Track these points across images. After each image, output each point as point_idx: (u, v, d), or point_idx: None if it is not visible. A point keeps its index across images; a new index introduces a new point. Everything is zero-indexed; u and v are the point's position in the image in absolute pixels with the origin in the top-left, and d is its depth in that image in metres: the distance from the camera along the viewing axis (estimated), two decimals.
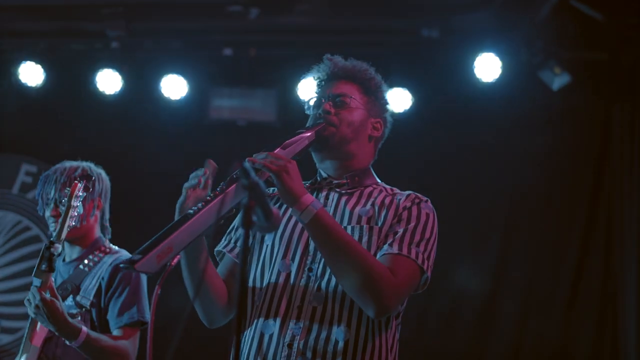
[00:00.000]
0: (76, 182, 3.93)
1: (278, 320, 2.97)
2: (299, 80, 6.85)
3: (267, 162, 2.84)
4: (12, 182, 7.88)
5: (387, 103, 3.36)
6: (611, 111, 7.01)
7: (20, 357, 3.94)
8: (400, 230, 3.01)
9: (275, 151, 2.95)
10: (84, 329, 3.83)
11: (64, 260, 4.21)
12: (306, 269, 3.02)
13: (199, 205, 2.79)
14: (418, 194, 3.16)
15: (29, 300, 3.78)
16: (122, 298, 4.00)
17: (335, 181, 3.21)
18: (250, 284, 3.11)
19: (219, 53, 7.14)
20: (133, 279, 4.03)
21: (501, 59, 6.68)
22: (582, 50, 6.90)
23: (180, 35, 7.22)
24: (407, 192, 3.17)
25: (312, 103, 3.30)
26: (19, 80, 7.28)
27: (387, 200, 3.12)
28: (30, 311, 3.79)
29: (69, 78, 7.39)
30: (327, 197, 3.18)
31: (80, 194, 3.92)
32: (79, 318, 3.99)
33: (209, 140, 7.33)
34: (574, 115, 7.08)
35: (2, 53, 7.35)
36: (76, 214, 3.90)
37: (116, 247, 4.25)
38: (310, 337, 2.93)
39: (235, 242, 3.23)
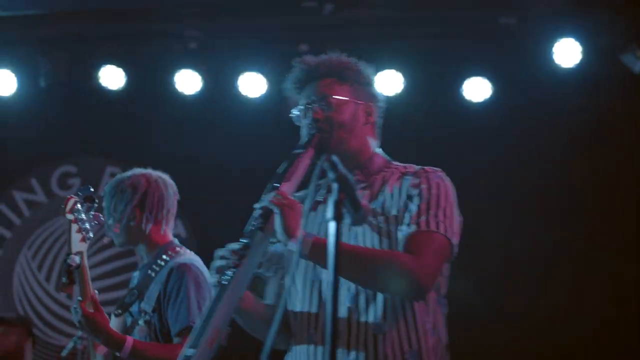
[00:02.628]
0: (70, 197, 3.92)
1: (319, 329, 2.97)
2: (375, 74, 6.84)
3: (273, 201, 2.86)
4: (97, 185, 8.03)
5: (371, 82, 3.25)
6: None
7: None
8: (415, 208, 2.94)
9: (281, 187, 2.94)
10: (130, 339, 3.84)
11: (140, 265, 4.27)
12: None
13: (229, 273, 2.81)
14: (426, 168, 3.08)
15: (76, 314, 3.83)
16: (177, 304, 3.96)
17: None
18: (290, 302, 3.10)
19: (295, 49, 7.17)
20: (185, 283, 3.98)
21: (581, 44, 6.58)
22: None
23: (257, 33, 7.27)
24: (416, 168, 3.09)
25: (298, 112, 3.23)
26: (100, 84, 7.40)
27: (398, 184, 3.04)
28: (77, 325, 3.85)
29: (149, 80, 7.49)
30: None
31: (79, 207, 3.87)
32: (144, 325, 4.03)
33: (289, 136, 7.35)
34: None
35: (83, 58, 7.47)
36: (88, 226, 3.88)
37: (184, 250, 4.22)
38: (352, 339, 2.92)
39: (273, 262, 3.21)
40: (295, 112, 3.24)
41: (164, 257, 4.12)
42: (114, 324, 4.08)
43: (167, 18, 7.23)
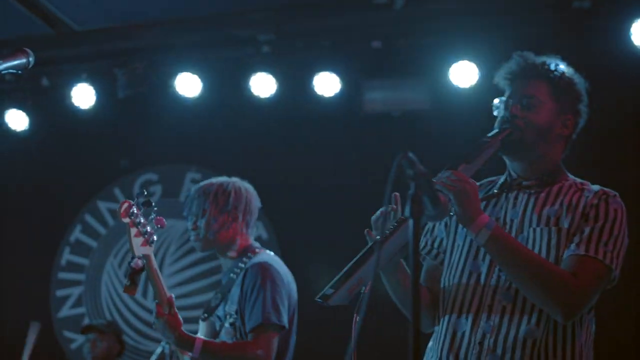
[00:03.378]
0: (124, 201, 3.95)
1: (470, 319, 3.02)
2: (449, 66, 6.81)
3: (447, 184, 2.86)
4: (178, 191, 8.14)
5: (579, 97, 3.26)
6: None
7: None
8: (588, 230, 2.97)
9: (460, 167, 2.97)
10: (199, 339, 3.89)
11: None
12: (496, 268, 3.03)
13: (386, 233, 2.89)
14: (606, 190, 3.10)
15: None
16: (251, 301, 4.01)
17: (525, 182, 3.17)
18: (442, 284, 3.17)
19: (368, 46, 7.16)
20: (260, 281, 4.03)
21: None
22: None
23: (329, 33, 7.27)
24: (595, 189, 3.10)
25: (498, 102, 3.24)
26: (177, 92, 7.49)
27: (574, 199, 3.07)
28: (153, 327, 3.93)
29: (225, 85, 7.55)
30: (516, 198, 3.15)
31: (134, 210, 3.90)
32: (230, 327, 4.07)
33: (366, 133, 7.36)
34: None
35: (158, 67, 7.57)
36: (148, 229, 3.90)
37: (266, 251, 4.28)
38: (500, 335, 2.96)
39: (433, 244, 3.30)
40: (496, 101, 3.25)
41: (244, 259, 4.19)
42: (202, 328, 4.16)
43: (239, 23, 7.28)
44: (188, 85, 7.45)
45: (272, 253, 4.30)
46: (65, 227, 8.31)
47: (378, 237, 2.89)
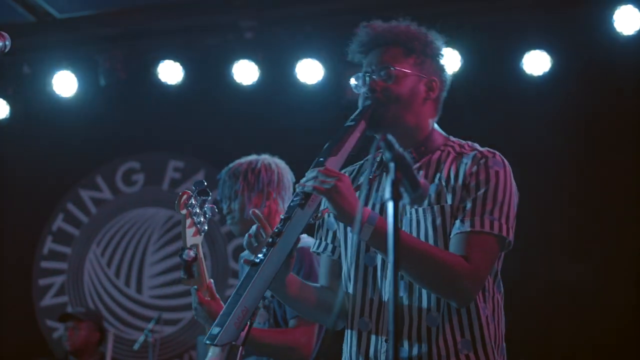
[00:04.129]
0: (184, 192, 3.93)
1: (374, 316, 2.88)
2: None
3: (316, 185, 2.68)
4: (161, 179, 8.11)
5: (439, 54, 3.03)
6: None
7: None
8: (470, 202, 2.80)
9: (327, 162, 2.77)
10: None
11: None
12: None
13: (263, 251, 2.74)
14: (484, 150, 2.91)
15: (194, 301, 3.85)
16: None
17: None
18: (343, 280, 3.02)
19: (350, 33, 7.12)
20: (303, 267, 3.92)
21: None
22: None
23: (312, 19, 7.24)
24: (473, 152, 2.90)
25: (357, 81, 3.02)
26: (159, 79, 7.45)
27: (453, 169, 2.87)
28: (193, 312, 3.87)
29: (207, 72, 7.52)
30: None
31: (192, 201, 3.89)
32: (264, 310, 4.01)
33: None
34: None
35: (140, 54, 7.54)
36: (202, 219, 3.89)
37: (302, 235, 4.20)
38: (404, 329, 2.83)
39: (326, 239, 3.12)
40: (353, 80, 3.04)
41: None
42: None
43: (221, 9, 7.24)
44: (170, 72, 7.42)
45: (306, 235, 4.23)
46: (47, 215, 8.27)
47: (259, 256, 2.74)
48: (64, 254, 8.19)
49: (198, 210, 3.86)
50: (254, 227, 2.87)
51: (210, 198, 3.97)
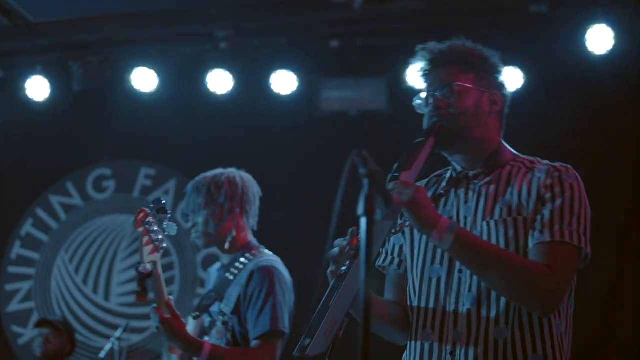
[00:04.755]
0: (141, 210, 3.94)
1: (437, 328, 2.92)
2: (407, 67, 6.82)
3: (395, 196, 2.71)
4: (132, 187, 8.08)
5: (497, 69, 3.11)
6: None
7: None
8: (547, 213, 2.84)
9: (402, 176, 2.81)
10: (207, 344, 3.82)
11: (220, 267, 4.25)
12: (456, 271, 2.92)
13: (347, 264, 2.75)
14: (557, 165, 2.96)
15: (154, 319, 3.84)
16: (258, 307, 3.92)
17: (471, 172, 3.03)
18: (408, 294, 3.06)
19: (326, 45, 7.16)
20: (268, 286, 3.93)
21: (613, 30, 6.51)
22: None
23: (287, 31, 7.27)
24: (545, 166, 2.96)
25: (420, 100, 3.09)
26: (133, 87, 7.44)
27: (526, 183, 2.93)
28: (155, 331, 3.86)
29: (181, 81, 7.52)
30: (466, 193, 3.02)
31: (150, 219, 3.90)
32: (222, 326, 4.01)
33: (322, 132, 7.35)
34: None
35: (115, 61, 7.52)
36: (160, 236, 3.90)
37: (265, 251, 4.17)
38: (471, 342, 2.85)
39: (393, 253, 3.17)
40: (417, 100, 3.10)
41: (243, 259, 4.09)
42: (191, 326, 4.07)
43: (197, 19, 7.24)
44: (144, 80, 7.41)
45: (271, 253, 4.20)
46: (16, 220, 8.21)
47: (343, 269, 2.74)
48: (32, 259, 8.13)
49: (156, 228, 3.89)
50: (339, 241, 2.83)
51: (169, 215, 3.98)
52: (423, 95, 3.09)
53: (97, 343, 7.67)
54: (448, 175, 3.12)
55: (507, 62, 6.76)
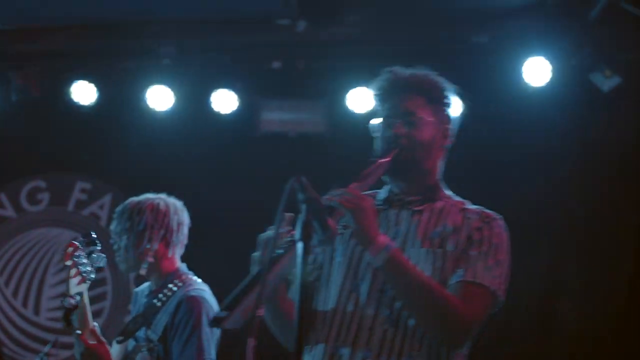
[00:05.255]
0: (70, 243, 3.94)
1: (349, 342, 2.91)
2: (347, 91, 6.89)
3: (343, 200, 2.78)
4: (67, 200, 8.00)
5: (450, 104, 3.23)
6: None
7: None
8: (474, 255, 2.94)
9: (352, 185, 2.88)
10: None
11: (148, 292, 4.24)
12: (378, 289, 2.95)
13: (278, 252, 2.76)
14: (489, 212, 3.08)
15: (78, 347, 3.81)
16: (184, 337, 3.92)
17: (408, 198, 3.10)
18: (317, 303, 3.06)
19: (268, 66, 7.19)
20: (195, 317, 3.94)
21: (551, 63, 6.64)
22: (632, 52, 6.83)
23: (230, 50, 7.28)
24: (478, 210, 3.08)
25: (378, 123, 3.15)
26: (72, 100, 7.38)
27: (458, 220, 3.02)
28: (78, 358, 3.84)
29: (121, 95, 7.47)
30: (398, 215, 3.08)
31: (79, 253, 3.91)
32: (147, 353, 4.00)
33: (261, 153, 7.37)
34: (626, 116, 7.00)
35: (54, 73, 7.45)
36: (89, 268, 3.91)
37: (194, 279, 4.18)
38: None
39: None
40: (374, 122, 3.16)
41: (171, 286, 4.09)
42: (115, 350, 4.05)
43: (140, 34, 7.21)
44: (83, 93, 7.34)
45: (200, 280, 4.20)
46: None
47: (275, 254, 2.74)
48: None
49: (85, 260, 3.91)
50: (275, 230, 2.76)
51: (98, 247, 3.99)
52: (378, 119, 3.14)
53: (26, 358, 7.57)
54: (382, 194, 3.16)
55: None
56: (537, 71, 6.69)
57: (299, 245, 2.14)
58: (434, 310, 2.86)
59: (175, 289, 4.08)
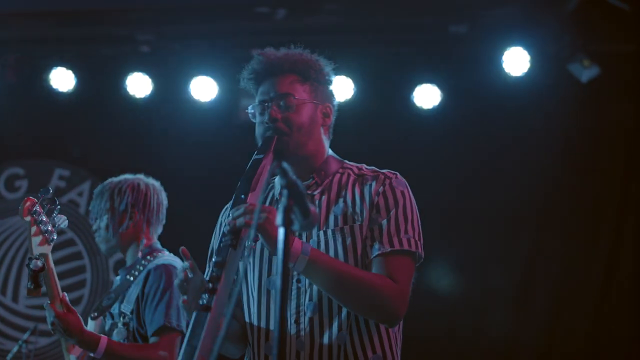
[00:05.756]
0: (27, 198, 3.91)
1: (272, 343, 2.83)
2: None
3: (247, 220, 2.66)
4: (45, 187, 7.95)
5: (330, 81, 3.12)
6: None
7: None
8: (384, 222, 2.89)
9: (249, 198, 2.76)
10: (104, 338, 3.83)
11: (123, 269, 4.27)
12: (294, 280, 2.91)
13: (205, 297, 2.63)
14: (385, 172, 3.01)
15: (49, 316, 3.80)
16: (154, 304, 3.97)
17: (304, 183, 2.96)
18: (244, 307, 3.03)
19: (247, 54, 7.16)
20: (164, 283, 3.98)
21: (529, 53, 6.67)
22: (610, 42, 6.88)
23: (209, 37, 7.26)
24: (375, 174, 3.01)
25: (253, 110, 3.06)
26: (51, 86, 7.35)
27: (357, 190, 2.96)
28: (50, 327, 3.83)
29: (100, 83, 7.45)
30: None
31: (37, 209, 3.87)
32: (122, 327, 4.02)
33: (240, 141, 7.34)
34: (603, 107, 7.06)
35: (33, 59, 7.42)
36: (50, 227, 3.86)
37: (164, 253, 4.22)
38: (315, 349, 2.86)
39: None
40: (250, 108, 3.07)
41: (143, 262, 4.13)
42: (91, 327, 4.08)
43: (118, 21, 7.19)
44: (62, 79, 7.31)
45: (171, 254, 4.22)
46: None
47: (202, 301, 2.63)
48: None
49: (44, 219, 3.83)
50: (182, 269, 2.76)
51: (58, 207, 3.94)
52: (254, 103, 3.06)
53: (4, 345, 7.54)
54: (277, 188, 3.07)
55: (425, 80, 7.00)
56: (516, 61, 6.72)
57: (281, 231, 2.14)
58: (366, 301, 2.82)
59: (146, 263, 4.12)
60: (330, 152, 3.11)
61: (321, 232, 2.93)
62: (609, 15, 6.51)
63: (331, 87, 3.13)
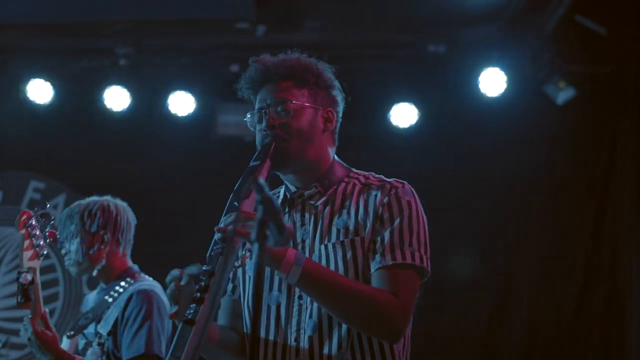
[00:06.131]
0: (24, 211, 3.91)
1: (279, 357, 2.83)
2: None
3: (238, 229, 2.56)
4: (20, 199, 7.92)
5: (331, 84, 3.03)
6: (616, 124, 7.05)
7: None
8: (387, 234, 2.79)
9: (242, 205, 2.64)
10: (79, 358, 3.84)
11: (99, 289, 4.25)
12: (296, 297, 2.84)
13: (192, 307, 2.55)
14: (392, 181, 2.91)
15: (25, 331, 3.78)
16: (134, 329, 3.95)
17: (307, 192, 2.94)
18: (244, 322, 2.98)
19: (226, 70, 7.18)
20: (146, 310, 3.97)
21: (506, 74, 6.72)
22: (586, 65, 6.93)
23: (188, 52, 7.27)
24: (381, 183, 2.91)
25: (251, 116, 3.01)
26: (28, 98, 7.32)
27: (362, 201, 2.87)
28: (25, 342, 3.81)
29: (78, 95, 7.43)
30: (302, 216, 2.93)
31: (33, 222, 3.87)
32: (97, 347, 4.00)
33: (217, 156, 7.35)
34: (579, 129, 7.11)
35: (11, 70, 7.39)
36: (42, 242, 3.86)
37: (145, 277, 4.21)
38: None
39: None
40: (248, 116, 3.01)
41: (123, 283, 4.12)
42: (65, 345, 4.07)
43: (98, 34, 7.18)
44: (39, 91, 7.29)
45: (151, 279, 4.22)
46: None
47: (190, 311, 2.55)
48: None
49: (38, 233, 3.84)
50: (172, 279, 2.68)
51: (52, 222, 3.95)
52: (254, 111, 2.99)
53: None
54: (282, 195, 3.02)
55: (403, 98, 7.02)
56: (492, 82, 6.77)
57: (255, 246, 2.14)
58: (364, 315, 2.73)
59: (126, 285, 4.11)
60: (335, 158, 3.02)
61: (322, 246, 2.85)
62: (586, 37, 6.57)
63: (334, 92, 3.04)
